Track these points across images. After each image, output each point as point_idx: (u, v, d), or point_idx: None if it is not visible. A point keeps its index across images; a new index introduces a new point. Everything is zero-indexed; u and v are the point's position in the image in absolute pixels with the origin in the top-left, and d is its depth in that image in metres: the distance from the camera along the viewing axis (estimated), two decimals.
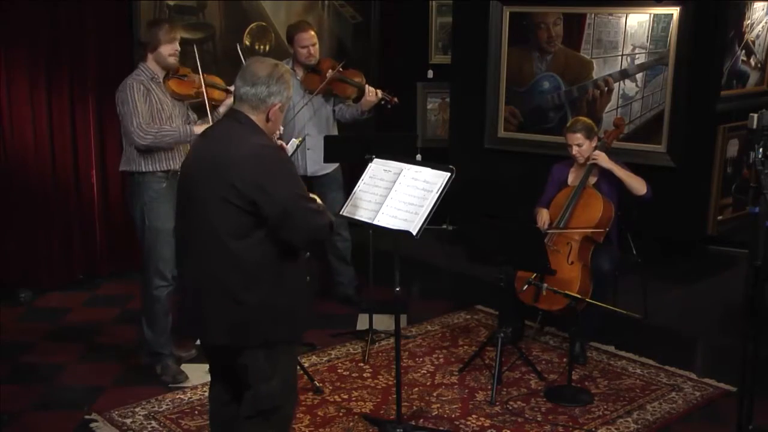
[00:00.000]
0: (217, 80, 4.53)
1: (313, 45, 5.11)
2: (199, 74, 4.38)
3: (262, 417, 2.98)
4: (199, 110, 4.46)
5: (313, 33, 5.13)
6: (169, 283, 4.30)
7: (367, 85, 5.12)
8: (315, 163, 5.17)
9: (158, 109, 4.24)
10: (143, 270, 4.36)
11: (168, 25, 4.30)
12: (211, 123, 4.27)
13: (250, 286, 2.81)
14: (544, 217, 4.67)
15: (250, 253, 2.79)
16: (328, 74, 5.09)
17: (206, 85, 4.39)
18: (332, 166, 5.27)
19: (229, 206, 2.76)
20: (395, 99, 5.18)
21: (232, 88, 4.35)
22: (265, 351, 2.90)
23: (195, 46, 4.55)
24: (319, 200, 2.95)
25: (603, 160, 4.56)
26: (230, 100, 4.35)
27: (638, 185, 4.54)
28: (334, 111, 5.29)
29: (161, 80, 4.30)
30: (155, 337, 4.35)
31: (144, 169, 4.22)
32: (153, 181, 4.24)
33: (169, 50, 4.26)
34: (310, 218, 2.82)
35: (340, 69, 5.15)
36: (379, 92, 5.10)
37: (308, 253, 3.09)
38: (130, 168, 4.26)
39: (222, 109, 4.41)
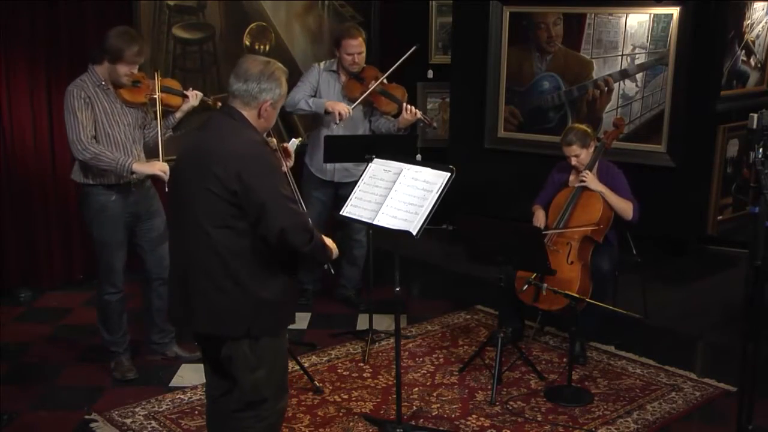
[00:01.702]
0: (174, 84, 4.39)
1: (360, 53, 5.03)
2: (153, 79, 4.21)
3: (250, 409, 3.00)
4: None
5: (361, 40, 5.05)
6: (118, 290, 4.31)
7: (406, 104, 5.02)
8: (344, 170, 5.12)
9: (101, 120, 4.07)
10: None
11: (139, 47, 4.05)
12: (160, 129, 4.16)
13: (231, 274, 2.84)
14: (540, 218, 4.70)
15: (232, 242, 2.83)
16: (370, 85, 5.01)
17: (162, 91, 4.21)
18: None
19: (213, 196, 2.80)
20: (434, 123, 5.12)
21: (189, 93, 4.27)
22: (249, 342, 2.92)
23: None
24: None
25: (592, 182, 4.55)
26: (187, 106, 4.28)
27: (626, 209, 4.53)
28: (370, 122, 5.18)
29: (110, 87, 4.11)
30: (110, 338, 4.38)
31: (90, 182, 4.14)
32: (99, 194, 4.15)
33: (126, 71, 4.05)
34: (286, 215, 2.82)
35: (384, 81, 5.05)
36: (419, 113, 5.00)
37: None
38: (78, 179, 4.18)
39: (178, 115, 4.31)
